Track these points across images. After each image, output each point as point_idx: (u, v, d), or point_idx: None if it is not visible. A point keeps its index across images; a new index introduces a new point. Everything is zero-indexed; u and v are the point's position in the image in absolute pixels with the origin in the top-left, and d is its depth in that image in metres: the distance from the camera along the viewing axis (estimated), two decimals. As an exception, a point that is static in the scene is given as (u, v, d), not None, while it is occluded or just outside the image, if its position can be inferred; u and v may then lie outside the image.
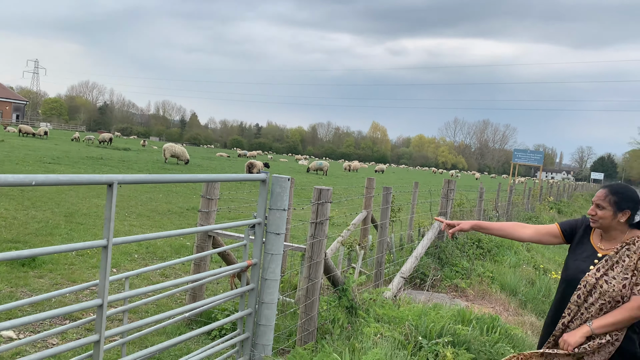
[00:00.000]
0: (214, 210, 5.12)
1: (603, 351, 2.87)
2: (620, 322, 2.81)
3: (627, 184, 3.09)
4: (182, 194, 15.92)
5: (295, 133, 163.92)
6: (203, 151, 74.07)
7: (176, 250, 8.15)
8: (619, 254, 2.90)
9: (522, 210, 15.08)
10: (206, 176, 3.41)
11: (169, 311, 3.31)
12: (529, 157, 40.36)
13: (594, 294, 2.91)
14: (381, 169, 65.74)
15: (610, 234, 2.98)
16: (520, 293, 7.10)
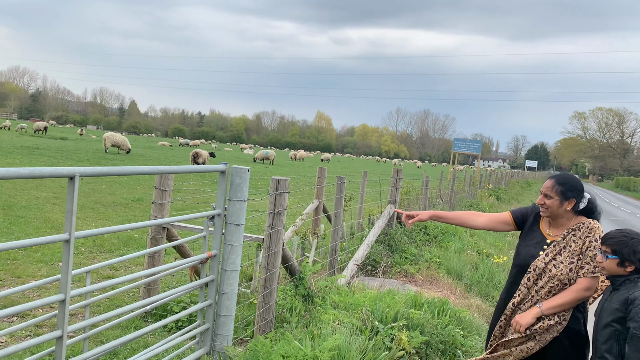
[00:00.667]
0: (168, 202, 5.05)
1: (552, 330, 3.08)
2: (568, 303, 3.02)
3: (572, 175, 3.29)
4: (126, 184, 15.48)
5: (239, 122, 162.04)
6: (144, 140, 71.98)
7: (124, 242, 7.96)
8: (566, 239, 3.11)
9: (464, 197, 15.66)
10: (168, 168, 3.38)
11: (129, 305, 3.27)
12: (468, 146, 41.72)
13: (544, 277, 3.10)
14: (327, 158, 66.19)
15: (558, 221, 3.18)
16: (466, 277, 7.41)
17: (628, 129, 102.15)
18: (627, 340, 2.61)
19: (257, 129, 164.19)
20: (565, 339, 3.09)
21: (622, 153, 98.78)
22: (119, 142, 30.29)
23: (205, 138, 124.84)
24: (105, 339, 4.35)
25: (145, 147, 45.42)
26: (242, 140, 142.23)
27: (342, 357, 3.76)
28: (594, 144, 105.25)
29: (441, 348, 4.50)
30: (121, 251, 7.40)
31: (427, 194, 10.36)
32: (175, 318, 3.62)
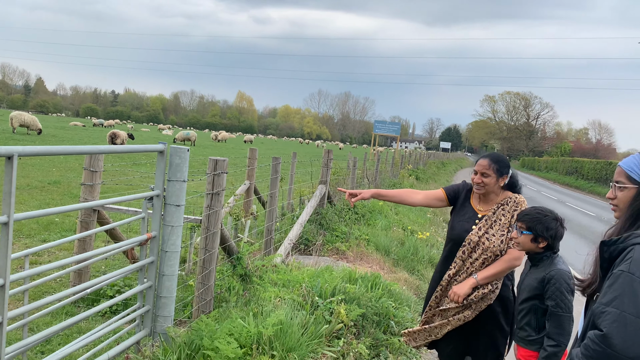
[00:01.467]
0: (99, 183, 4.88)
1: (486, 298, 3.32)
2: (500, 272, 3.26)
3: (500, 153, 3.54)
4: (40, 166, 14.59)
5: (156, 101, 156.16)
6: (53, 120, 67.62)
7: (45, 227, 7.56)
8: (496, 214, 3.36)
9: (387, 177, 16.20)
10: (107, 147, 3.27)
11: (65, 290, 3.17)
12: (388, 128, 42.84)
13: (477, 250, 3.33)
14: (250, 139, 65.54)
15: (488, 197, 3.42)
16: (393, 253, 7.74)
17: (533, 112, 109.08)
18: (547, 317, 2.83)
19: (176, 109, 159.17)
20: (497, 305, 3.34)
21: (527, 135, 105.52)
22: (28, 122, 28.26)
23: (120, 118, 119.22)
24: (36, 327, 4.17)
25: (56, 127, 42.72)
26: (159, 120, 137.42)
27: (285, 331, 3.85)
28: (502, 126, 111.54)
29: (376, 319, 4.72)
30: (42, 236, 7.02)
31: (354, 174, 10.62)
32: (116, 301, 3.54)
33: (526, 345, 2.93)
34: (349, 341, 4.23)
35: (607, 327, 1.91)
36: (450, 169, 43.81)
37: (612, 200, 2.17)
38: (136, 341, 3.73)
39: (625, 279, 1.92)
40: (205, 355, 3.49)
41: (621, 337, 1.87)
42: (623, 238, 2.02)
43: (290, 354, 3.72)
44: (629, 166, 2.14)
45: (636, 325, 1.87)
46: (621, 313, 1.89)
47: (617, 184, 2.15)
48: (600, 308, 1.97)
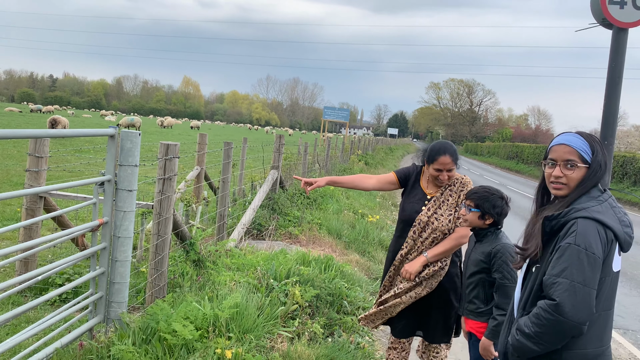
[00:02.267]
0: (45, 170, 4.72)
1: (437, 275, 3.48)
2: (449, 249, 3.43)
3: (448, 141, 3.67)
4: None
5: (97, 86, 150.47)
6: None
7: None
8: (444, 194, 3.51)
9: (338, 163, 16.39)
10: (54, 131, 3.19)
11: (14, 278, 3.10)
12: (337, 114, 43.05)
13: (427, 229, 3.47)
14: (196, 125, 64.34)
15: None
16: (344, 236, 7.89)
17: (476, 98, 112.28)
18: (494, 289, 3.01)
19: (118, 94, 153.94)
20: (446, 282, 3.51)
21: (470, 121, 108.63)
22: (-43, 107, 26.61)
23: (60, 104, 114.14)
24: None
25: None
26: (101, 106, 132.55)
27: (241, 314, 3.90)
28: (447, 113, 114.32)
29: (329, 300, 4.84)
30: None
31: (305, 160, 10.69)
32: (67, 288, 3.49)
33: (475, 317, 3.10)
34: (303, 321, 4.33)
35: (559, 297, 2.06)
36: (397, 154, 44.69)
37: (559, 178, 2.23)
38: (89, 328, 3.69)
39: (572, 251, 2.08)
40: (162, 339, 3.50)
41: (571, 304, 2.04)
42: (564, 213, 2.17)
43: (246, 335, 3.77)
44: (580, 147, 2.21)
45: (584, 292, 2.05)
46: (571, 282, 2.05)
47: (569, 163, 2.21)
48: (551, 279, 2.11)
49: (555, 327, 2.08)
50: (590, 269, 2.06)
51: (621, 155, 27.19)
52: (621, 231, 2.14)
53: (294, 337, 4.08)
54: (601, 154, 2.21)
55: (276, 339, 3.99)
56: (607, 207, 2.16)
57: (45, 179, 4.82)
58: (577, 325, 2.05)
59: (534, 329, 2.13)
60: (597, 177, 2.19)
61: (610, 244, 2.11)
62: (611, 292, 2.18)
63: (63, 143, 16.79)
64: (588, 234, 2.08)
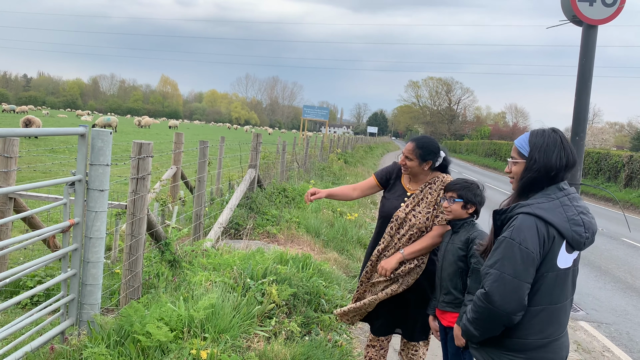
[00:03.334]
0: (14, 170, 4.62)
1: (413, 272, 3.47)
2: (425, 247, 3.42)
3: (430, 138, 3.65)
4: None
5: (73, 86, 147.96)
6: (-43, 106, 62.44)
7: None
8: (423, 192, 3.51)
9: (317, 162, 16.36)
10: (23, 130, 3.12)
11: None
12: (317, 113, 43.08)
13: (404, 226, 3.47)
14: (175, 124, 63.78)
15: (418, 177, 3.56)
16: (323, 234, 7.88)
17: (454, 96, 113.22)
18: (469, 274, 3.06)
19: (95, 94, 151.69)
20: (423, 279, 3.51)
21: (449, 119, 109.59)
22: None
23: (34, 104, 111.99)
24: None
25: (-41, 113, 39.52)
26: (77, 106, 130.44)
27: (217, 314, 3.86)
28: (426, 111, 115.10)
29: (307, 298, 4.82)
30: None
31: (284, 158, 10.65)
32: (37, 290, 3.41)
33: (453, 309, 3.11)
34: (280, 320, 4.30)
35: (488, 287, 2.18)
36: (377, 153, 44.87)
37: (509, 174, 2.40)
38: (61, 331, 3.61)
39: (507, 244, 2.17)
40: (136, 340, 3.44)
41: (500, 295, 2.14)
42: (511, 208, 2.27)
43: (222, 336, 3.73)
44: (520, 143, 2.36)
45: (513, 284, 2.14)
46: (501, 274, 2.15)
47: (512, 159, 2.38)
48: (485, 270, 2.24)
49: (486, 315, 2.19)
50: (522, 263, 2.14)
51: (596, 152, 27.72)
52: (568, 229, 2.19)
53: (270, 337, 4.06)
54: (541, 149, 2.26)
55: (253, 339, 3.97)
56: (556, 204, 2.22)
57: (15, 180, 4.71)
58: (505, 315, 2.15)
59: (472, 315, 2.26)
60: (533, 170, 2.26)
61: (553, 241, 2.17)
62: (556, 287, 2.23)
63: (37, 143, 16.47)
64: (524, 229, 2.16)
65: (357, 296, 3.72)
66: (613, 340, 5.91)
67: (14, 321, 3.38)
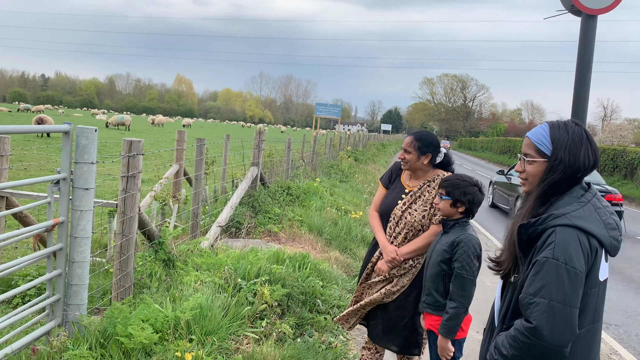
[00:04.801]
0: (6, 169, 4.59)
1: (409, 273, 3.35)
2: (421, 247, 3.29)
3: (429, 131, 3.54)
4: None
5: (89, 85, 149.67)
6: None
7: None
8: (422, 189, 3.39)
9: (325, 159, 16.25)
10: (4, 127, 3.05)
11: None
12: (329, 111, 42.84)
13: (400, 224, 3.36)
14: (188, 123, 64.10)
15: (417, 174, 3.45)
16: (326, 233, 7.77)
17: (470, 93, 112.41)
18: (452, 279, 2.91)
19: (111, 93, 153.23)
20: (417, 282, 3.39)
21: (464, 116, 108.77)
22: (-57, 107, 26.34)
23: (52, 103, 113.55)
24: None
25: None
26: (94, 105, 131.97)
27: (204, 315, 3.78)
28: (440, 108, 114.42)
29: (302, 299, 4.72)
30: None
31: (289, 156, 10.56)
32: (18, 291, 3.35)
33: (434, 311, 2.98)
34: (272, 321, 4.21)
35: (536, 320, 1.85)
36: (390, 150, 44.59)
37: (521, 173, 2.09)
38: (46, 332, 3.55)
39: (550, 266, 1.85)
40: (119, 342, 3.37)
41: (550, 328, 1.83)
42: (542, 220, 1.95)
43: (209, 338, 3.65)
44: (538, 138, 2.03)
45: (564, 313, 1.83)
46: (549, 302, 1.84)
47: (527, 158, 2.05)
48: (527, 299, 1.90)
49: (533, 351, 1.87)
50: (571, 286, 1.83)
51: (612, 148, 27.23)
52: (607, 236, 1.91)
53: (260, 338, 3.96)
54: (567, 147, 1.97)
55: (242, 341, 3.87)
56: (591, 209, 1.94)
57: (7, 178, 4.68)
58: (557, 349, 1.83)
59: (511, 352, 1.92)
60: (558, 171, 1.97)
61: (595, 253, 1.89)
62: (599, 303, 1.97)
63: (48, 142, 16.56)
64: (568, 246, 1.85)
65: (355, 299, 3.62)
66: (621, 342, 5.72)
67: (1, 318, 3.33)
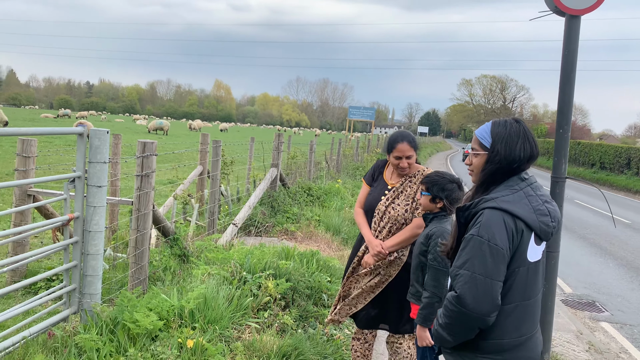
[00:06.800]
0: (32, 169, 4.95)
1: (394, 265, 3.50)
2: (405, 240, 3.43)
3: (404, 130, 3.71)
4: (2, 157, 14.44)
5: (132, 91, 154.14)
6: (25, 112, 66.44)
7: None
8: (404, 185, 3.53)
9: (351, 162, 16.40)
10: (16, 130, 3.36)
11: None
12: (363, 113, 42.95)
13: (384, 219, 3.51)
14: (225, 127, 65.25)
15: None
16: (343, 232, 7.93)
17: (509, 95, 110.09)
18: (426, 270, 3.04)
19: (152, 99, 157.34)
20: (404, 273, 3.53)
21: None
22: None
23: (96, 109, 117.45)
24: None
25: (25, 119, 42.02)
26: (135, 111, 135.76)
27: (208, 305, 4.01)
28: (480, 110, 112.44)
29: (307, 293, 4.90)
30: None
31: (311, 158, 10.77)
32: (38, 278, 3.66)
33: (416, 301, 3.13)
34: (275, 313, 4.41)
35: (460, 289, 2.05)
36: (424, 153, 44.22)
37: (469, 166, 2.30)
38: (62, 318, 3.85)
39: (475, 242, 2.05)
40: (126, 328, 3.63)
41: (472, 297, 2.02)
42: (475, 203, 2.16)
43: (211, 326, 3.88)
44: (481, 134, 2.25)
45: (485, 285, 2.02)
46: (472, 274, 2.03)
47: (473, 151, 2.27)
48: (454, 271, 2.11)
49: (459, 319, 2.07)
50: (493, 260, 2.03)
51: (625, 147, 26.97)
52: (535, 220, 2.09)
53: (262, 328, 4.17)
54: (503, 140, 2.17)
55: (244, 330, 4.09)
56: (521, 196, 2.13)
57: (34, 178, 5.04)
58: (480, 317, 2.03)
59: (444, 320, 2.14)
60: (495, 162, 2.17)
61: (521, 234, 2.07)
62: (529, 282, 2.14)
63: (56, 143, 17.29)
64: (492, 225, 2.05)
65: (343, 294, 3.76)
66: (634, 342, 5.66)
67: (21, 303, 3.65)
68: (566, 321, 6.02)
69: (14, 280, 4.96)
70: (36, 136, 4.59)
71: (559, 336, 5.45)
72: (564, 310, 6.49)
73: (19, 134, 3.90)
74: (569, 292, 7.53)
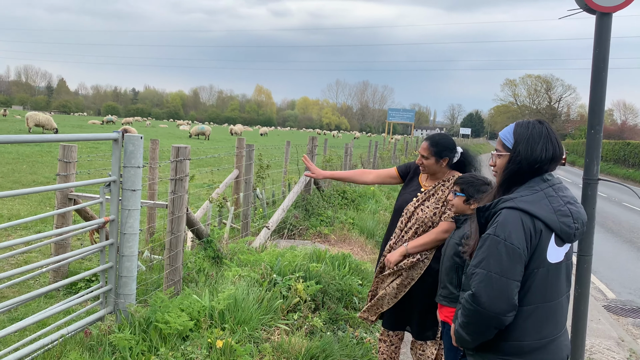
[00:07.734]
0: (73, 174, 5.16)
1: (416, 267, 3.49)
2: (429, 242, 3.42)
3: (445, 134, 3.66)
4: (49, 164, 15.07)
5: (175, 97, 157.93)
6: (74, 119, 69.07)
7: (7, 219, 7.96)
8: (435, 188, 3.53)
9: (389, 164, 16.32)
10: (53, 136, 3.52)
11: (32, 264, 3.45)
12: (402, 116, 42.72)
13: (412, 219, 3.52)
14: (265, 131, 66.05)
15: (435, 175, 3.59)
16: (378, 235, 7.91)
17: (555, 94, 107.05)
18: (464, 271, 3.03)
19: (195, 105, 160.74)
20: (427, 277, 3.51)
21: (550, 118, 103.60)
22: (43, 122, 29.06)
23: (141, 115, 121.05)
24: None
25: (74, 126, 43.68)
26: (179, 116, 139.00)
27: (238, 306, 4.08)
28: (524, 110, 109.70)
29: (337, 295, 4.92)
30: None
31: (347, 161, 10.79)
32: (74, 280, 3.82)
33: (449, 303, 3.11)
34: (305, 315, 4.44)
35: (475, 287, 2.07)
36: (465, 155, 43.43)
37: (493, 167, 2.31)
38: (99, 318, 4.00)
39: (491, 242, 2.06)
40: (158, 328, 3.75)
41: (487, 295, 2.03)
42: (494, 203, 2.17)
43: (240, 327, 3.95)
44: (504, 135, 2.27)
45: (501, 283, 2.02)
46: (487, 273, 2.04)
47: (497, 152, 2.28)
48: (471, 269, 2.13)
49: (475, 317, 2.08)
50: (509, 260, 2.02)
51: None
52: (555, 221, 2.07)
53: (292, 330, 4.21)
54: (525, 141, 2.17)
55: (273, 331, 4.14)
56: (541, 196, 2.11)
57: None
58: (495, 316, 2.02)
59: (462, 319, 2.15)
60: (516, 162, 2.17)
61: (540, 235, 2.06)
62: (549, 284, 2.11)
63: (102, 148, 17.91)
64: (508, 224, 2.05)
65: (372, 293, 3.79)
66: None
67: (60, 302, 3.82)
68: (607, 327, 5.81)
69: (55, 280, 5.18)
70: (76, 142, 4.78)
71: (599, 343, 5.27)
72: (606, 317, 6.26)
73: (58, 141, 4.08)
74: (612, 298, 7.27)
